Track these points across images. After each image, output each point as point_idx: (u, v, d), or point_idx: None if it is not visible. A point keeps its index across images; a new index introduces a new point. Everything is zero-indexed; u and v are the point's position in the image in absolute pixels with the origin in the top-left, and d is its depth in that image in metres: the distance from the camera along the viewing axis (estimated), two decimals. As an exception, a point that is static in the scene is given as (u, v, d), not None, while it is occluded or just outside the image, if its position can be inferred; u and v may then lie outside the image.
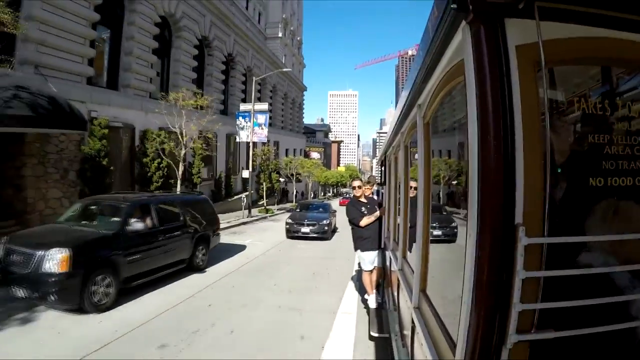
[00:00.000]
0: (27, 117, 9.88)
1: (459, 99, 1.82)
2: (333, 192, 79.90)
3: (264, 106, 27.14)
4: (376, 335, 5.15)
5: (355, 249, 6.59)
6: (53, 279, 5.82)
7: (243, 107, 26.83)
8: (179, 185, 16.79)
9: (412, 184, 3.65)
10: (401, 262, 3.77)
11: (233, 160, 31.00)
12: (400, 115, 3.38)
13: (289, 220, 16.70)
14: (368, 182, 7.26)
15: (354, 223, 6.43)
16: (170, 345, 5.22)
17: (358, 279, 7.89)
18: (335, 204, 33.30)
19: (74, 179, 13.83)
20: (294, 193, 43.10)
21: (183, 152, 16.71)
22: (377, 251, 6.44)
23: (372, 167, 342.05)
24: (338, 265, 10.85)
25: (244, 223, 20.76)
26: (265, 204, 29.62)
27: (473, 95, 1.34)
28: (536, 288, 1.31)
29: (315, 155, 66.25)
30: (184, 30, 23.59)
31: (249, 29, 37.27)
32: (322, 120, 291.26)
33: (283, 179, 41.15)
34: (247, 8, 41.58)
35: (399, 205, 3.99)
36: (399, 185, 4.11)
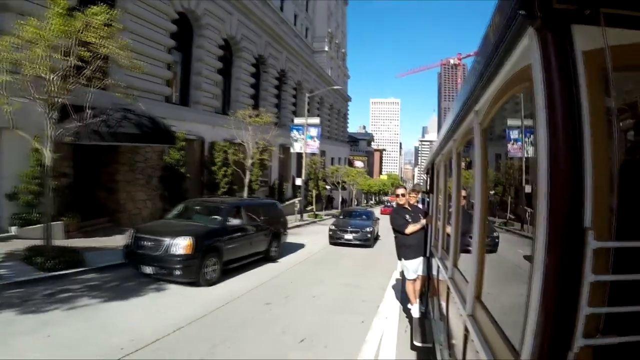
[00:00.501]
0: (136, 135, 12.17)
1: (522, 104, 1.92)
2: (375, 199, 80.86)
3: (316, 120, 29.29)
4: (420, 345, 5.14)
5: (399, 258, 6.67)
6: (179, 259, 7.77)
7: (297, 120, 29.00)
8: (245, 191, 18.85)
9: (462, 192, 3.84)
10: (452, 270, 3.78)
11: (285, 168, 33.16)
12: (453, 122, 3.35)
13: (332, 227, 16.94)
14: (413, 190, 7.51)
15: (398, 231, 6.48)
16: (272, 303, 7.28)
17: (400, 288, 8.00)
18: (377, 211, 34.66)
19: (156, 184, 16.16)
20: (340, 200, 44.77)
21: (250, 162, 18.79)
22: (421, 259, 6.45)
23: (414, 176, 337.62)
24: (384, 259, 12.51)
25: (298, 226, 22.65)
26: (314, 210, 31.53)
27: (542, 99, 1.39)
28: (603, 292, 1.31)
29: (359, 164, 67.73)
30: (243, 50, 26.02)
31: (299, 45, 39.62)
32: (364, 127, 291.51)
33: (329, 187, 42.99)
34: (295, 24, 44.01)
35: (450, 212, 4.03)
36: (450, 193, 4.13)
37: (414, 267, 6.41)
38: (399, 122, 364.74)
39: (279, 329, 5.98)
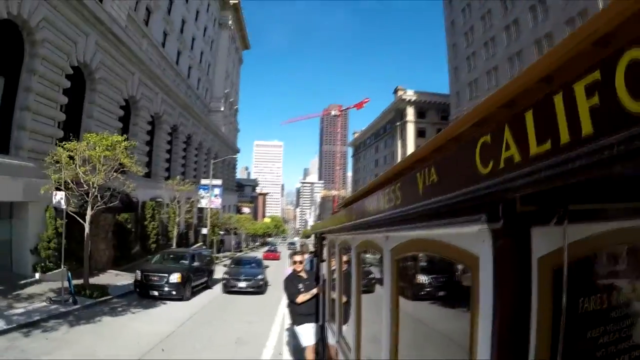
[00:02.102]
0: (119, 207, 18.03)
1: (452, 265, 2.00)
2: (260, 241, 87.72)
3: (219, 182, 36.14)
4: None
5: (293, 324, 6.82)
6: (175, 285, 14.30)
7: (203, 181, 35.61)
8: (175, 239, 24.84)
9: (344, 257, 4.42)
10: (338, 335, 4.09)
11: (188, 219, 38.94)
12: (358, 226, 3.20)
13: (225, 276, 17.73)
14: (302, 253, 7.63)
15: (291, 300, 6.60)
16: (228, 310, 14.09)
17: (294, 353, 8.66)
18: (261, 254, 40.16)
19: (110, 237, 21.54)
20: (232, 243, 51.03)
21: (178, 219, 25.03)
22: (313, 325, 6.57)
23: (295, 216, 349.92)
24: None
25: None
26: (213, 252, 37.62)
27: (489, 294, 1.37)
28: None
29: (246, 210, 74.56)
30: (164, 123, 32.18)
31: (202, 111, 46.42)
32: (247, 168, 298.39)
33: (222, 232, 49.15)
34: (198, 88, 50.59)
35: (348, 295, 4.21)
36: (348, 279, 4.27)
37: (307, 333, 6.58)
38: (282, 164, 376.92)
39: (231, 317, 13.03)
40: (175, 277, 14.37)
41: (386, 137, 76.78)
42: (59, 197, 12.29)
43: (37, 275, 15.56)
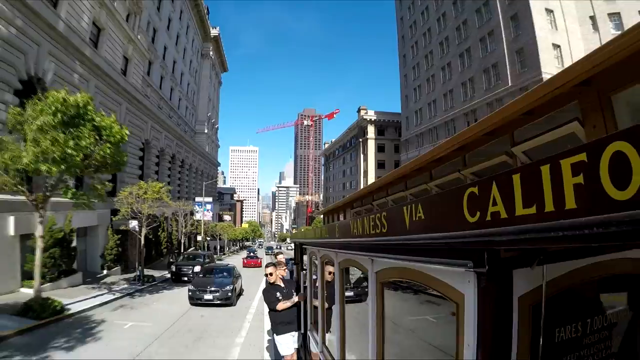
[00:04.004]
0: (157, 227, 26.70)
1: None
2: (240, 245, 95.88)
3: (209, 199, 44.97)
4: None
5: (273, 333, 6.86)
6: (197, 273, 23.13)
7: (198, 199, 44.35)
8: (182, 245, 33.41)
9: (330, 268, 4.47)
10: (321, 345, 4.15)
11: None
12: (342, 245, 3.31)
13: (192, 287, 16.78)
14: (274, 264, 7.36)
15: (271, 308, 6.64)
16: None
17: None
18: (239, 259, 43.43)
19: (139, 247, 30.03)
20: (218, 247, 59.59)
21: (182, 230, 33.61)
22: (294, 334, 6.65)
23: (271, 220, 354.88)
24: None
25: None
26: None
27: (472, 329, 1.49)
28: None
29: (227, 217, 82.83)
30: (166, 155, 40.69)
31: (189, 135, 54.88)
32: (223, 173, 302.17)
33: (209, 238, 57.67)
34: (185, 115, 58.92)
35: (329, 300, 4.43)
36: (331, 289, 4.36)
37: (287, 342, 6.62)
38: (257, 169, 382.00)
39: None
40: (197, 268, 23.10)
41: (351, 151, 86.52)
42: (134, 223, 21.03)
43: (104, 272, 24.11)
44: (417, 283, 2.18)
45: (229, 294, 16.57)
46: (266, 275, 7.02)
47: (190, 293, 16.57)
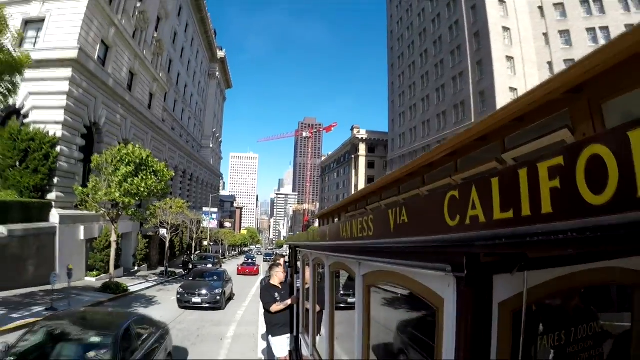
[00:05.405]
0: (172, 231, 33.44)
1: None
2: (238, 250, 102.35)
3: (215, 209, 51.89)
4: None
5: (267, 334, 6.93)
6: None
7: (205, 209, 51.17)
8: (193, 250, 40.14)
9: (308, 271, 4.97)
10: (312, 348, 4.14)
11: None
12: (333, 247, 3.33)
13: (180, 290, 16.68)
14: (277, 265, 7.46)
15: (266, 308, 6.70)
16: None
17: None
18: (235, 265, 43.10)
19: (158, 249, 36.75)
20: (219, 252, 66.26)
21: (194, 236, 40.35)
22: (287, 336, 6.66)
23: (269, 226, 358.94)
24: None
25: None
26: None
27: (451, 334, 1.48)
28: None
29: (227, 224, 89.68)
30: (179, 171, 47.50)
31: (196, 150, 61.89)
32: (223, 178, 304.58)
33: (212, 243, 64.41)
34: (193, 132, 65.76)
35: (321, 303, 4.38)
36: (320, 291, 4.51)
37: (281, 344, 6.67)
38: (257, 175, 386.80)
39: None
40: (209, 265, 29.78)
41: (345, 165, 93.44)
42: (163, 231, 27.82)
43: (135, 268, 30.80)
44: (401, 287, 2.22)
45: (218, 297, 16.58)
46: (269, 275, 7.18)
47: (178, 296, 16.52)
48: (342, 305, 3.54)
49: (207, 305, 16.16)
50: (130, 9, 31.40)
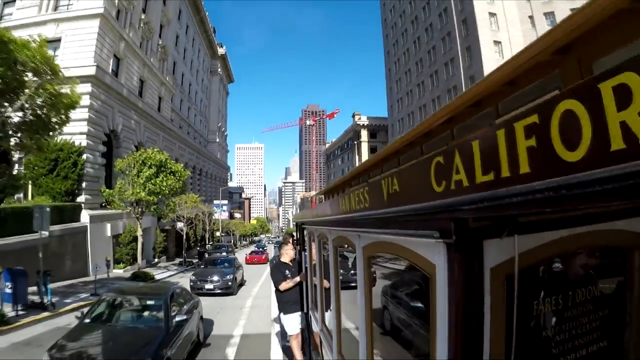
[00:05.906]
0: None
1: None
2: (249, 240, 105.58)
3: (225, 202, 54.96)
4: None
5: (279, 312, 6.96)
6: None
7: (216, 202, 54.13)
8: (207, 241, 43.12)
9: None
10: (321, 323, 4.18)
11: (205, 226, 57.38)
12: (335, 221, 3.21)
13: (193, 277, 17.20)
14: (286, 242, 7.64)
15: (276, 287, 6.70)
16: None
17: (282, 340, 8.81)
18: (249, 250, 47.79)
19: (174, 241, 39.69)
20: (229, 242, 69.39)
21: (208, 227, 43.28)
22: (299, 314, 6.66)
23: (279, 215, 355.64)
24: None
25: (222, 257, 47.25)
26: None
27: (444, 300, 1.48)
28: None
29: (237, 215, 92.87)
30: (189, 167, 50.20)
31: (203, 145, 64.67)
32: (230, 170, 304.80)
33: (223, 234, 67.56)
34: (199, 128, 68.44)
35: (328, 277, 4.33)
36: (325, 266, 4.54)
37: (292, 322, 6.68)
38: (263, 165, 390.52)
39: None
40: (223, 254, 32.51)
41: (348, 151, 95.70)
42: (180, 225, 30.70)
43: (155, 260, 33.76)
44: (397, 256, 2.21)
45: (229, 283, 17.12)
46: (280, 253, 7.23)
47: (191, 283, 16.90)
48: (353, 285, 3.29)
49: (219, 291, 16.76)
50: (136, 22, 33.90)
